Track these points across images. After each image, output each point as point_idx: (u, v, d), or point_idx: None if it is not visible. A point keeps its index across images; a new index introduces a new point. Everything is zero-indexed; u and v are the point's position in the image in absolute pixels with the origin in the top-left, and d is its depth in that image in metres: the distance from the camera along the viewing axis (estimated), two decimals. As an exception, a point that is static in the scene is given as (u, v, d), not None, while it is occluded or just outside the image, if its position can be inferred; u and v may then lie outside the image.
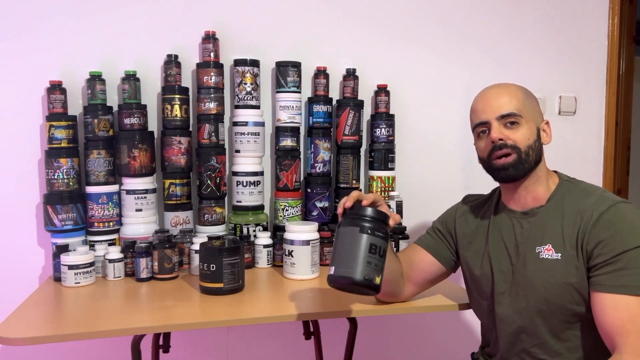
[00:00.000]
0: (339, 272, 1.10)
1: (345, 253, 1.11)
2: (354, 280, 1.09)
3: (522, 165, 1.18)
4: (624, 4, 2.25)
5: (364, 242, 1.11)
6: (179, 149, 1.73)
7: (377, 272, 1.11)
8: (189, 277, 1.63)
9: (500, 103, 1.19)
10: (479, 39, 2.09)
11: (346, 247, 1.12)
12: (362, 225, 1.13)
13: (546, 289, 1.14)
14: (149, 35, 1.79)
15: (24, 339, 1.17)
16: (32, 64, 1.71)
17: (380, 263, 1.12)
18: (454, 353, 2.09)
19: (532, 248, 1.19)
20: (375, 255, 1.11)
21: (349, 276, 1.09)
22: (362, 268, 1.09)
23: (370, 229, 1.12)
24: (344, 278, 1.09)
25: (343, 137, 1.89)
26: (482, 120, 1.21)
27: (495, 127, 1.19)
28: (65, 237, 1.63)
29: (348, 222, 1.15)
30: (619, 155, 2.30)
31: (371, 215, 1.14)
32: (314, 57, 1.92)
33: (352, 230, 1.13)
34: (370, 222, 1.13)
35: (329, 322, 1.82)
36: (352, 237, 1.12)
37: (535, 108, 1.23)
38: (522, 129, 1.18)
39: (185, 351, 1.88)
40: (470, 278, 1.33)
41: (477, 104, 1.24)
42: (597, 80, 2.24)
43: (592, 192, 1.18)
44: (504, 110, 1.18)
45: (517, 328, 1.20)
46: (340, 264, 1.10)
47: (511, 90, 1.22)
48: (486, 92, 1.24)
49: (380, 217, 1.15)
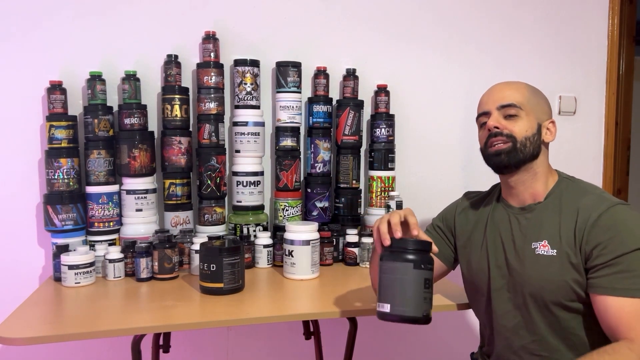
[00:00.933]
0: (397, 311, 1.08)
1: (400, 290, 1.08)
2: (414, 319, 1.08)
3: (515, 154, 1.19)
4: (624, 4, 2.25)
5: (419, 278, 1.08)
6: (179, 149, 1.73)
7: (430, 304, 1.10)
8: (189, 277, 1.63)
9: (503, 95, 1.22)
10: (479, 39, 2.09)
11: (399, 284, 1.08)
12: (414, 260, 1.09)
13: (542, 285, 1.15)
14: (149, 35, 1.79)
15: (24, 339, 1.17)
16: (33, 64, 1.71)
17: (431, 295, 1.11)
18: (454, 353, 2.09)
19: (529, 244, 1.19)
20: (429, 289, 1.10)
21: (409, 315, 1.07)
22: (420, 305, 1.08)
23: (421, 262, 1.09)
24: (403, 318, 1.08)
25: (343, 137, 1.89)
26: (484, 110, 1.24)
27: (494, 116, 1.21)
28: (65, 237, 1.63)
29: (396, 256, 1.10)
30: (619, 155, 2.30)
31: (419, 248, 1.10)
32: (314, 57, 1.92)
33: (405, 267, 1.08)
34: (420, 254, 1.10)
35: (329, 322, 1.82)
36: (405, 274, 1.08)
37: (540, 105, 1.23)
38: (521, 121, 1.20)
39: (185, 351, 1.89)
40: (468, 273, 1.33)
41: (483, 97, 1.27)
42: (597, 80, 2.24)
43: (590, 191, 1.19)
44: (505, 101, 1.20)
45: (516, 324, 1.21)
46: (397, 303, 1.08)
47: (517, 85, 1.24)
48: (493, 86, 1.27)
49: (426, 248, 1.12)
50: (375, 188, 1.93)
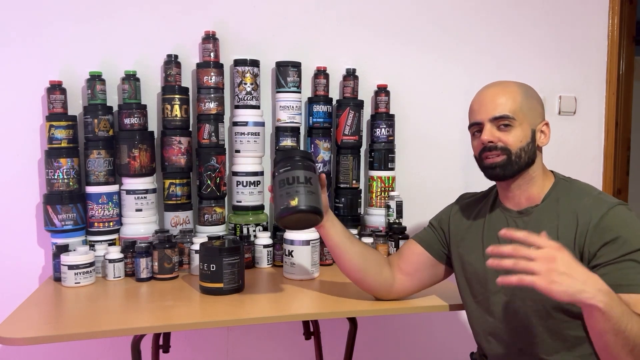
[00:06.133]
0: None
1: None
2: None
3: (510, 166, 1.19)
4: (624, 4, 2.25)
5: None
6: (179, 149, 1.73)
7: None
8: (189, 277, 1.63)
9: (495, 104, 1.19)
10: (479, 39, 2.09)
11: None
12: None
13: None
14: (149, 35, 1.79)
15: (24, 339, 1.17)
16: (33, 64, 1.71)
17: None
18: (453, 353, 2.08)
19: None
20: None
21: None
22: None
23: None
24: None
25: (343, 137, 1.89)
26: (476, 120, 1.23)
27: (487, 129, 1.19)
28: (65, 237, 1.63)
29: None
30: (618, 155, 2.30)
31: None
32: (314, 57, 1.92)
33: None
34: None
35: (329, 322, 1.82)
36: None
37: (533, 109, 1.22)
38: (515, 131, 1.18)
39: (185, 351, 1.89)
40: (464, 276, 1.32)
41: (474, 104, 1.25)
42: (597, 80, 2.24)
43: (588, 193, 1.19)
44: (498, 113, 1.18)
45: (514, 327, 1.20)
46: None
47: (509, 90, 1.21)
48: (484, 92, 1.25)
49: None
50: (375, 188, 1.93)
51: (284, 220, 1.25)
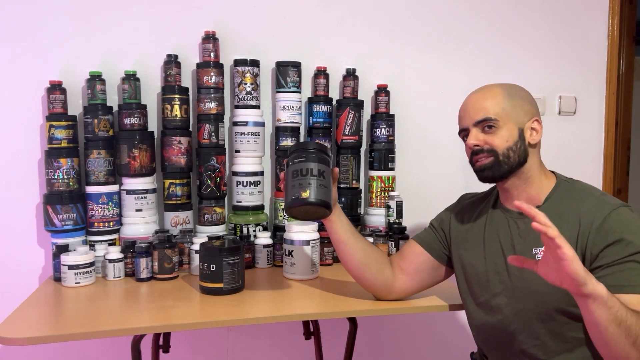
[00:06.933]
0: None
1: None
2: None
3: (499, 167, 1.20)
4: (624, 4, 2.25)
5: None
6: (179, 149, 1.73)
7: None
8: (189, 277, 1.63)
9: (476, 109, 1.22)
10: (478, 39, 2.09)
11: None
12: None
13: (544, 292, 1.14)
14: (149, 35, 1.79)
15: (24, 339, 1.17)
16: (33, 64, 1.71)
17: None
18: (453, 353, 2.08)
19: (529, 249, 1.18)
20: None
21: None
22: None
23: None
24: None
25: (343, 137, 1.89)
26: (463, 127, 1.26)
27: (472, 134, 1.22)
28: (65, 237, 1.63)
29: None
30: (618, 155, 2.30)
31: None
32: (314, 57, 1.92)
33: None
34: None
35: (329, 322, 1.82)
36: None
37: (518, 108, 1.21)
38: (500, 132, 1.19)
39: (185, 351, 1.89)
40: (465, 277, 1.32)
41: (460, 111, 1.28)
42: (597, 80, 2.24)
43: (590, 194, 1.18)
44: (479, 117, 1.21)
45: (515, 329, 1.20)
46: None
47: (491, 94, 1.22)
48: (467, 98, 1.27)
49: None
50: (375, 188, 1.93)
51: (293, 211, 1.27)
